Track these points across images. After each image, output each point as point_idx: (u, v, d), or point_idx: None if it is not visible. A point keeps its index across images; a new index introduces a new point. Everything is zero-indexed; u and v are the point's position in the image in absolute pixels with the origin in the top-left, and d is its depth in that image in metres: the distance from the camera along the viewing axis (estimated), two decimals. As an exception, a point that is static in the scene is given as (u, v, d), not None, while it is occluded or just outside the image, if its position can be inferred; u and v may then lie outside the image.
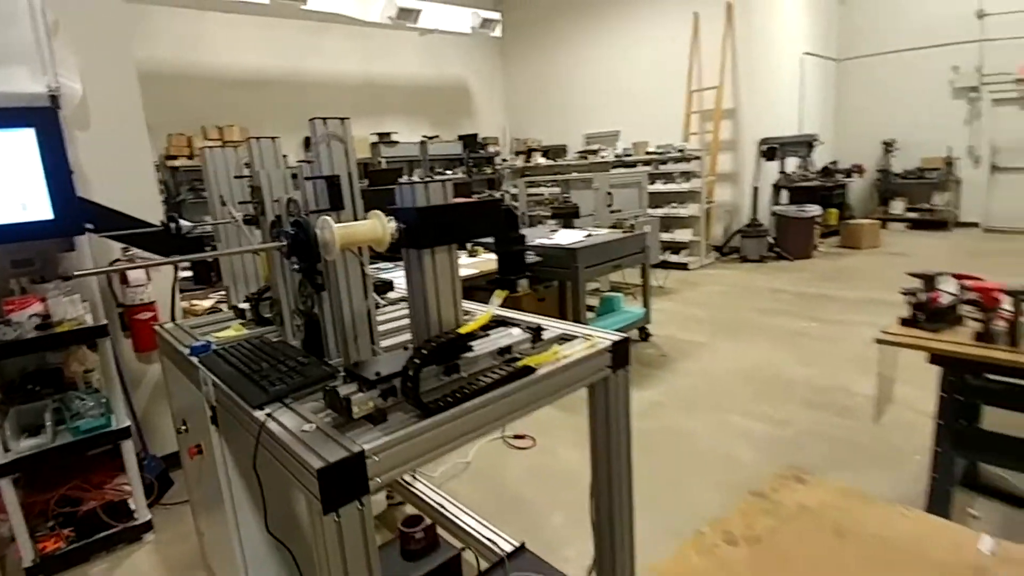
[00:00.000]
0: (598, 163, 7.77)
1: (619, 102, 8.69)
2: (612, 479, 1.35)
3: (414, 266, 1.09)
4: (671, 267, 6.87)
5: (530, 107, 10.16)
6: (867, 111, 9.18)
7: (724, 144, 7.56)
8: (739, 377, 3.51)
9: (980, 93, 8.24)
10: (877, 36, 8.96)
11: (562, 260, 3.68)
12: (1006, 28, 7.79)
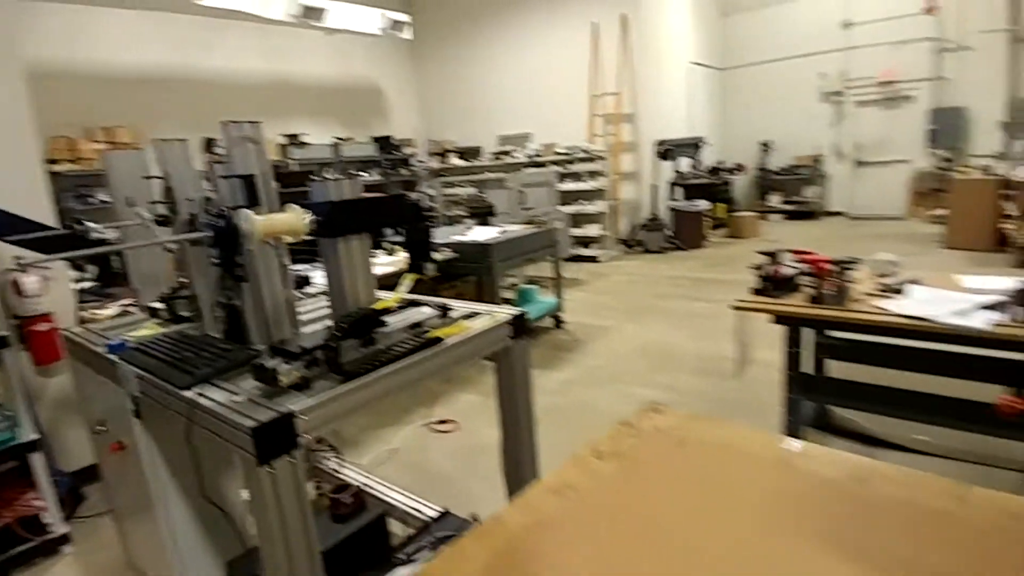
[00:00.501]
0: (511, 163, 8.07)
1: (529, 105, 9.04)
2: (520, 433, 1.56)
3: (330, 253, 1.24)
4: (583, 260, 7.28)
5: (444, 109, 10.30)
6: (747, 115, 10.15)
7: (625, 145, 8.10)
8: (639, 354, 3.88)
9: (844, 96, 9.35)
10: (755, 47, 9.91)
11: (477, 255, 3.88)
12: (868, 36, 8.89)
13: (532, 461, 1.62)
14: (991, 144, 8.13)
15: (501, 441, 1.62)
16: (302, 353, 1.14)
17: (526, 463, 1.60)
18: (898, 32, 8.66)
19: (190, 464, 1.44)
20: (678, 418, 1.22)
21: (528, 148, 8.32)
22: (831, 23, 9.14)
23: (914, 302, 1.82)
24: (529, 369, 1.57)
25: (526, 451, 1.60)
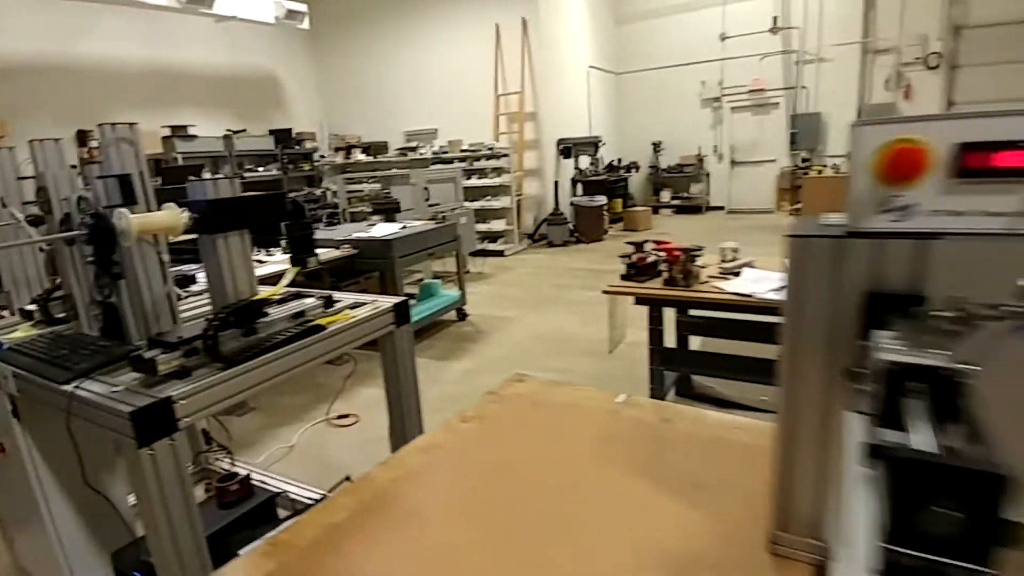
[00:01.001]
0: (417, 159, 8.12)
1: (436, 101, 9.10)
2: (406, 414, 1.70)
3: (209, 249, 1.31)
4: (489, 254, 7.50)
5: (349, 103, 10.10)
6: (641, 117, 10.85)
7: (529, 143, 8.40)
8: (538, 341, 4.13)
9: (721, 102, 10.25)
10: (647, 54, 10.60)
11: (379, 251, 3.94)
12: (741, 48, 9.79)
13: (418, 429, 1.76)
14: (844, 146, 9.26)
15: (389, 423, 1.75)
16: (180, 343, 1.21)
17: (411, 432, 1.73)
18: (765, 45, 9.62)
19: (73, 460, 1.45)
20: (537, 385, 1.42)
21: (435, 144, 8.40)
22: (710, 36, 9.98)
23: (745, 281, 2.16)
24: (413, 354, 1.71)
25: (413, 431, 1.74)
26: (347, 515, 0.95)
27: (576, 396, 1.34)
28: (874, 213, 0.64)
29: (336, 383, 3.49)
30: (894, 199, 0.62)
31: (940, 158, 0.60)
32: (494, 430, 1.22)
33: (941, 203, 0.60)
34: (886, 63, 9.45)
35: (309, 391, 3.45)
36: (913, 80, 9.35)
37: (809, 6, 9.41)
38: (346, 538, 0.89)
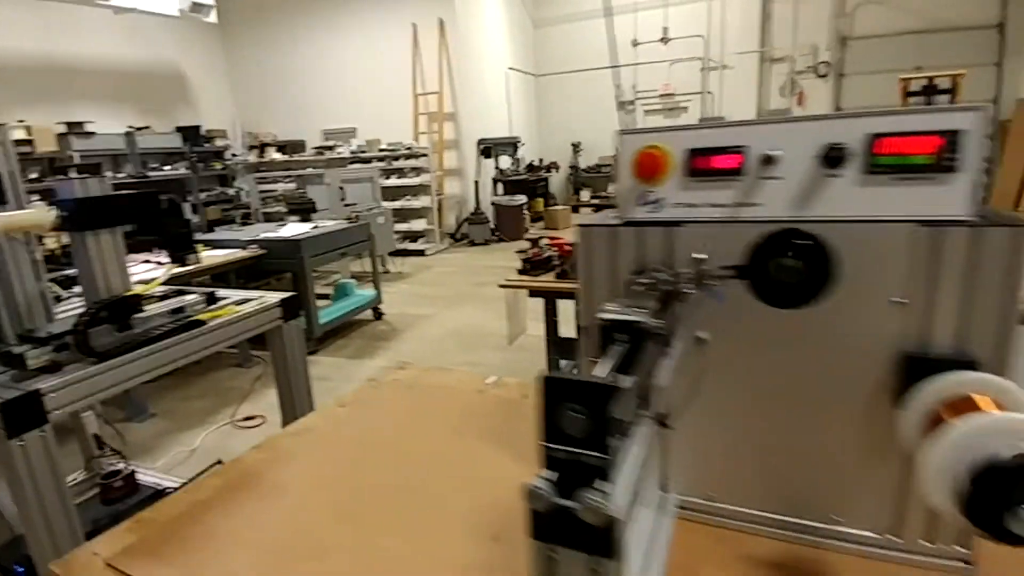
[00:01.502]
0: (335, 159, 7.98)
1: (355, 100, 8.97)
2: (296, 403, 1.75)
3: (79, 246, 1.31)
4: (410, 254, 7.51)
5: (263, 100, 9.75)
6: (560, 118, 11.19)
7: (449, 143, 8.47)
8: (452, 337, 4.23)
9: (635, 105, 10.73)
10: (565, 57, 10.93)
11: (288, 251, 3.90)
12: (652, 54, 10.28)
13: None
14: (745, 149, 9.97)
15: (282, 416, 1.79)
16: (51, 338, 1.21)
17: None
18: (674, 52, 10.18)
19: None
20: (416, 371, 1.52)
21: (353, 144, 8.29)
22: (624, 41, 10.43)
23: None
24: (304, 348, 1.76)
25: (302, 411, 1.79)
26: (212, 493, 1.00)
27: (449, 379, 1.45)
28: (636, 206, 0.79)
29: (244, 385, 3.43)
30: (648, 194, 0.77)
31: (677, 161, 0.75)
32: (367, 412, 1.30)
33: (680, 197, 0.76)
34: (782, 71, 10.25)
35: (214, 395, 3.37)
36: (805, 87, 10.21)
37: (712, 16, 10.05)
38: (208, 512, 0.95)
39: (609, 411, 0.44)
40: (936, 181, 0.63)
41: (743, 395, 0.78)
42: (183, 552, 0.85)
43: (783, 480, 0.78)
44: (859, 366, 0.69)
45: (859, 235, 0.67)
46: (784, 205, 0.70)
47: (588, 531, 0.44)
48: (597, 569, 0.46)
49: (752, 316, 0.74)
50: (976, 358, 0.65)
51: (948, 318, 0.66)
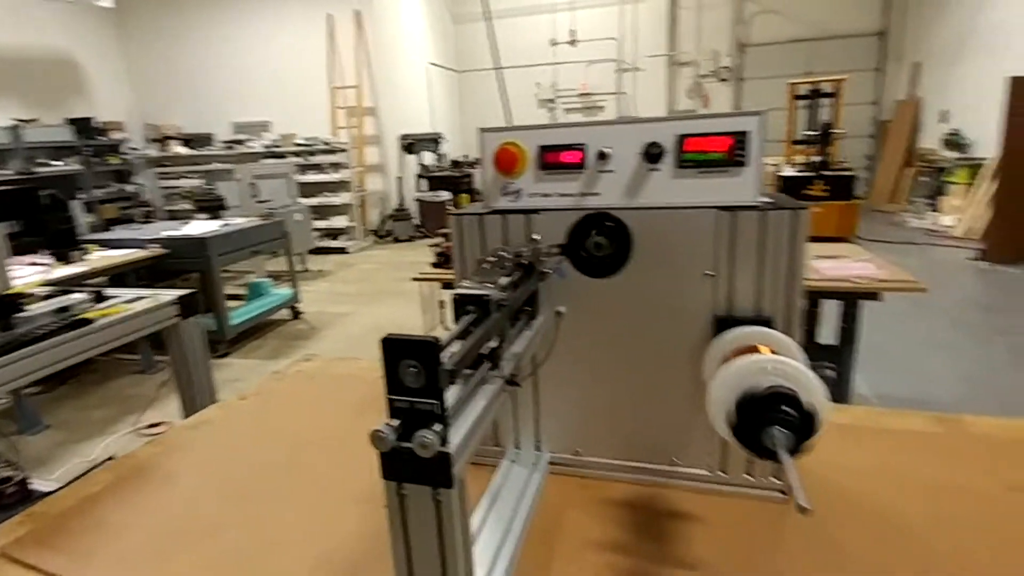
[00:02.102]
0: (247, 153, 7.65)
1: (268, 92, 8.62)
2: (197, 402, 1.73)
3: (-54, 245, 1.25)
4: (331, 252, 7.35)
5: (167, 91, 9.15)
6: (483, 115, 11.28)
7: (369, 138, 8.34)
8: (373, 333, 4.19)
9: (556, 104, 11.01)
10: (486, 55, 11.00)
11: (193, 251, 3.74)
12: (571, 54, 10.57)
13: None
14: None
15: (183, 415, 1.76)
16: (-87, 344, 1.15)
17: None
18: (591, 53, 10.54)
19: None
20: (321, 362, 1.55)
21: (266, 138, 7.98)
22: (542, 41, 10.67)
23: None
24: (205, 346, 1.74)
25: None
26: (103, 486, 1.01)
27: (354, 368, 1.50)
28: (499, 196, 0.88)
29: (148, 392, 3.27)
30: (509, 185, 0.87)
31: (531, 157, 0.85)
32: (268, 403, 1.33)
33: (535, 188, 0.86)
34: (689, 74, 10.87)
35: (116, 403, 3.20)
36: (710, 90, 10.88)
37: (625, 20, 10.48)
38: (98, 504, 0.96)
39: (437, 364, 0.52)
40: (730, 173, 0.77)
41: (595, 360, 0.90)
42: (73, 540, 0.86)
43: (632, 432, 0.91)
44: (682, 328, 0.82)
45: (676, 219, 0.80)
46: (617, 194, 0.82)
47: (426, 466, 0.53)
48: (439, 499, 0.54)
49: (594, 290, 0.85)
50: (770, 317, 0.80)
51: (747, 285, 0.80)
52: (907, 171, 9.36)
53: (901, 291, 2.07)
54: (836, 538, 0.78)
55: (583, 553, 0.78)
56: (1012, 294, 4.55)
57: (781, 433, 0.54)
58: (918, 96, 9.47)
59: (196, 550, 0.82)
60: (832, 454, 0.98)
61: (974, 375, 3.15)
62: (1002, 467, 0.92)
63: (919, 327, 3.87)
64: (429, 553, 0.56)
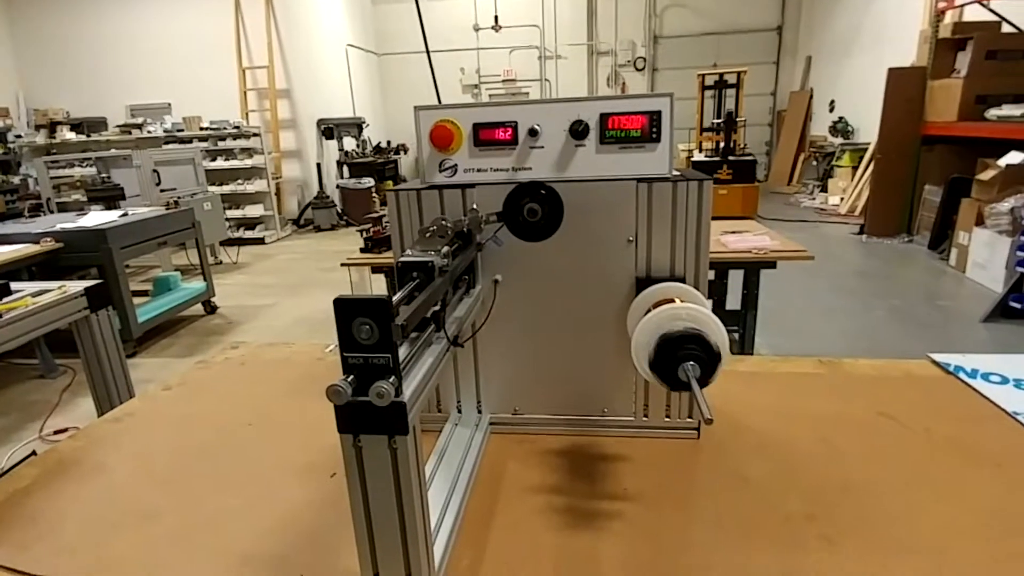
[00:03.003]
0: (145, 139, 7.09)
1: (168, 73, 8.01)
2: (111, 399, 1.64)
3: None
4: (247, 243, 6.99)
5: (54, 72, 8.27)
6: (406, 99, 11.04)
7: (284, 123, 7.98)
8: (298, 324, 4.11)
9: (480, 89, 10.99)
10: (406, 38, 10.77)
11: (91, 243, 3.46)
12: (493, 40, 10.54)
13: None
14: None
15: (98, 414, 1.67)
16: None
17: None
18: (514, 39, 10.59)
19: None
20: (250, 348, 1.53)
21: (167, 121, 7.42)
22: (465, 26, 10.58)
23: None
24: (117, 338, 1.66)
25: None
26: (30, 481, 0.96)
27: (286, 352, 1.49)
28: (437, 172, 0.92)
29: (51, 398, 3.02)
30: (446, 161, 0.91)
31: (466, 134, 0.90)
32: (195, 391, 1.29)
33: (470, 163, 0.91)
34: (607, 63, 11.20)
35: (16, 411, 2.93)
36: (627, 79, 11.28)
37: (546, 7, 10.60)
38: (29, 497, 0.92)
39: (390, 320, 0.57)
40: (646, 149, 0.86)
41: (530, 324, 0.97)
42: (6, 531, 0.83)
43: (566, 388, 0.99)
44: (608, 290, 0.91)
45: (600, 190, 0.88)
46: (547, 168, 0.88)
47: (382, 415, 0.57)
48: (395, 447, 0.59)
49: (529, 259, 0.92)
50: (682, 277, 0.90)
51: (663, 250, 0.89)
52: (801, 156, 10.19)
53: (793, 259, 2.30)
54: (740, 464, 0.91)
55: (523, 496, 0.85)
56: (887, 263, 5.13)
57: (693, 367, 0.63)
58: (810, 87, 10.30)
59: (135, 534, 0.82)
60: (738, 395, 1.12)
61: (853, 332, 3.55)
62: (873, 398, 1.09)
63: (809, 294, 4.28)
64: (386, 501, 0.61)
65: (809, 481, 0.86)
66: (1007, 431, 0.96)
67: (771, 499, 0.82)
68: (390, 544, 0.62)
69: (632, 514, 0.80)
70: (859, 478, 0.86)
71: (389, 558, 0.63)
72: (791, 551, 0.72)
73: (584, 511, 0.81)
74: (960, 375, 1.14)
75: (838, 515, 0.78)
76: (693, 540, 0.75)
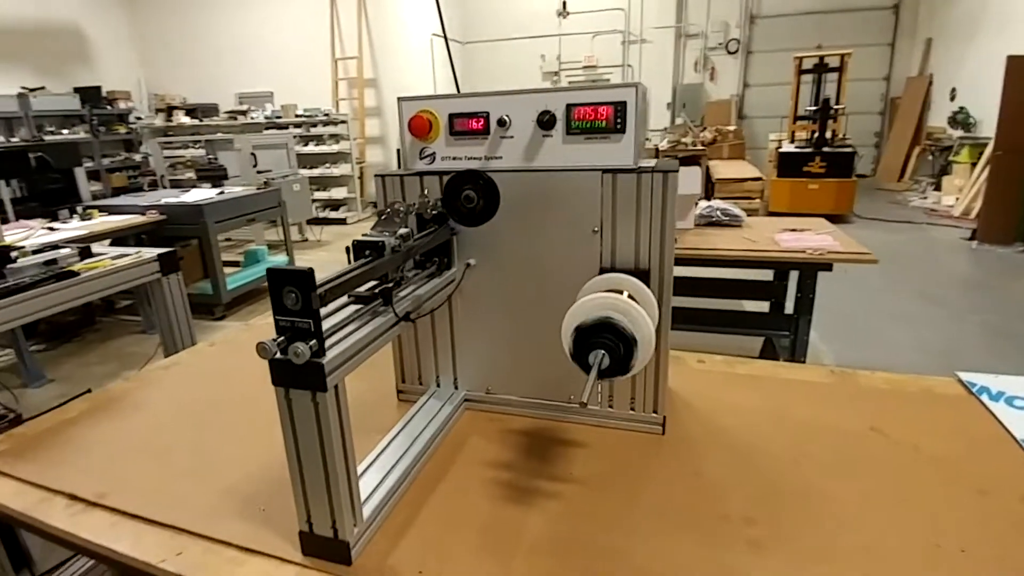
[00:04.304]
0: (249, 124, 7.73)
1: (271, 63, 8.66)
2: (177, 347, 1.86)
3: (-59, 200, 1.38)
4: (330, 223, 7.46)
5: (173, 60, 9.22)
6: (487, 87, 11.14)
7: (370, 110, 8.38)
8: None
9: (560, 76, 10.91)
10: (492, 26, 10.90)
11: (191, 217, 3.86)
12: (576, 26, 10.42)
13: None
14: (662, 120, 10.41)
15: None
16: (-85, 288, 1.29)
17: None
18: (597, 24, 10.40)
19: None
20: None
21: (268, 109, 8.04)
22: (549, 12, 10.52)
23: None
24: (185, 302, 1.87)
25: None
26: (77, 413, 1.15)
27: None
28: (418, 159, 0.98)
29: (148, 351, 3.44)
30: (425, 149, 0.97)
31: (444, 123, 0.95)
32: (234, 351, 1.45)
33: (447, 152, 0.96)
34: (696, 47, 10.71)
35: (115, 360, 3.37)
36: (717, 63, 10.73)
37: (632, -10, 10.29)
38: (72, 427, 1.09)
39: (311, 289, 0.63)
40: (611, 140, 0.86)
41: (504, 308, 1.01)
42: (45, 453, 1.00)
43: (536, 372, 1.02)
44: (575, 279, 0.92)
45: (567, 180, 0.90)
46: (516, 158, 0.91)
47: (302, 372, 0.65)
48: (317, 402, 0.66)
49: (502, 246, 0.96)
50: (647, 269, 0.90)
51: (627, 241, 0.90)
52: (916, 150, 9.24)
53: (852, 262, 2.15)
54: (698, 461, 0.90)
55: (476, 468, 0.90)
56: (993, 273, 4.58)
57: (598, 354, 0.65)
58: (929, 73, 9.28)
59: (147, 463, 0.96)
60: (723, 396, 1.10)
61: (933, 346, 3.23)
62: (871, 412, 1.03)
63: (892, 301, 3.93)
64: (312, 451, 0.68)
65: (763, 485, 0.84)
66: (1006, 458, 0.88)
67: (716, 497, 0.82)
68: (318, 492, 0.70)
69: (571, 495, 0.83)
70: (819, 487, 0.83)
71: (318, 505, 0.70)
72: (713, 549, 0.72)
73: (526, 488, 0.85)
74: (983, 396, 1.05)
75: (780, 521, 0.77)
76: (621, 524, 0.77)
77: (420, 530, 0.77)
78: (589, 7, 10.19)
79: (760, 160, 9.25)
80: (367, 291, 0.79)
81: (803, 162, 7.10)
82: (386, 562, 0.72)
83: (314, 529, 0.71)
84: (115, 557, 0.76)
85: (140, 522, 0.81)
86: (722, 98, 10.68)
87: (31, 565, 1.64)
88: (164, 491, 0.87)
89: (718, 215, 2.68)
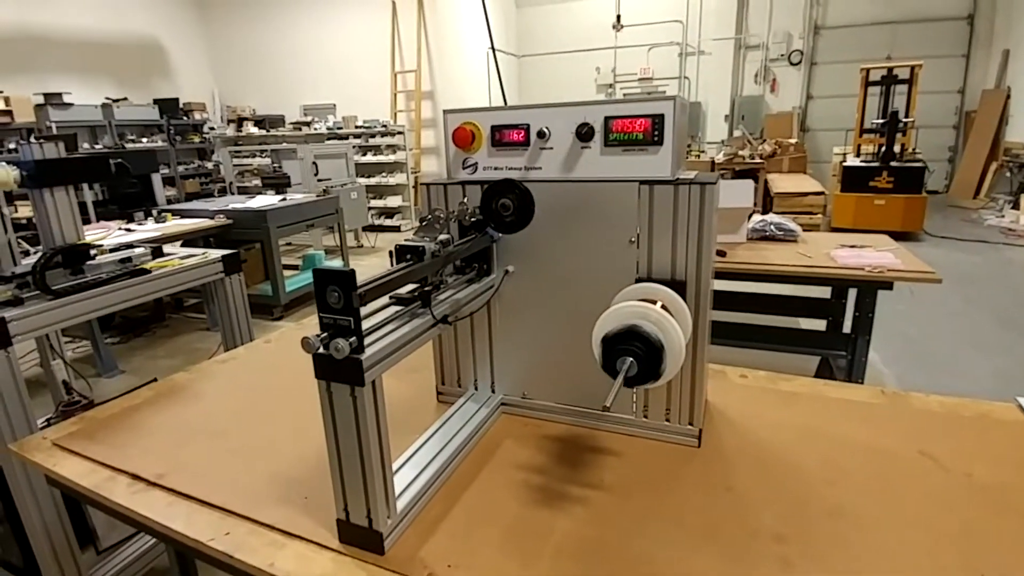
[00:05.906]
0: (313, 135, 8.09)
1: (334, 76, 9.05)
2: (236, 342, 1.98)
3: (38, 201, 1.52)
4: (385, 230, 7.68)
5: (244, 74, 9.79)
6: (541, 100, 11.28)
7: (426, 122, 8.60)
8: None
9: (615, 88, 10.88)
10: (547, 39, 11.01)
11: (254, 222, 4.08)
12: (632, 38, 10.39)
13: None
14: (719, 133, 10.19)
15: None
16: (13, 277, 1.43)
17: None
18: (654, 36, 10.32)
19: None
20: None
21: (330, 120, 8.39)
22: (604, 24, 10.53)
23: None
24: (245, 301, 1.99)
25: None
26: (143, 400, 1.24)
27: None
28: (461, 169, 1.02)
29: (212, 347, 3.65)
30: (468, 160, 1.01)
31: (486, 134, 0.98)
32: (285, 348, 1.53)
33: (489, 162, 0.99)
34: (756, 58, 10.44)
35: (182, 355, 3.59)
36: (778, 75, 10.42)
37: (691, 1, 10.16)
38: (137, 412, 1.19)
39: (352, 289, 0.67)
40: (649, 152, 0.87)
41: (543, 315, 1.03)
42: (112, 435, 1.09)
43: (572, 379, 1.03)
44: (612, 288, 0.93)
45: (605, 191, 0.91)
46: (555, 168, 0.94)
47: (342, 368, 0.69)
48: (355, 396, 0.70)
49: (541, 253, 0.98)
50: (683, 280, 0.90)
51: (664, 252, 0.90)
52: (992, 165, 8.66)
53: (913, 280, 2.04)
54: (730, 475, 0.89)
55: (508, 470, 0.92)
56: (1083, 299, 4.22)
57: (625, 360, 0.66)
58: (1007, 85, 8.71)
59: (203, 446, 1.03)
60: (763, 412, 1.08)
61: (1010, 373, 3.00)
62: (921, 435, 0.99)
63: (966, 325, 3.69)
64: (350, 443, 0.72)
65: (796, 503, 0.82)
66: (1068, 490, 0.82)
67: (747, 512, 0.80)
68: (355, 482, 0.74)
69: (600, 502, 0.84)
70: (855, 509, 0.80)
71: (354, 495, 0.74)
72: (740, 564, 0.71)
73: (556, 492, 0.86)
74: (1048, 423, 0.98)
75: (811, 540, 0.75)
76: (647, 533, 0.77)
77: (451, 526, 0.80)
78: (645, 19, 10.13)
79: (823, 174, 8.90)
80: (407, 293, 0.83)
81: (869, 177, 6.78)
82: (417, 554, 0.75)
83: (350, 518, 0.75)
84: (169, 534, 0.83)
85: (193, 502, 0.87)
86: (783, 110, 10.36)
87: (96, 541, 1.77)
88: (216, 474, 0.94)
89: (772, 229, 2.60)
